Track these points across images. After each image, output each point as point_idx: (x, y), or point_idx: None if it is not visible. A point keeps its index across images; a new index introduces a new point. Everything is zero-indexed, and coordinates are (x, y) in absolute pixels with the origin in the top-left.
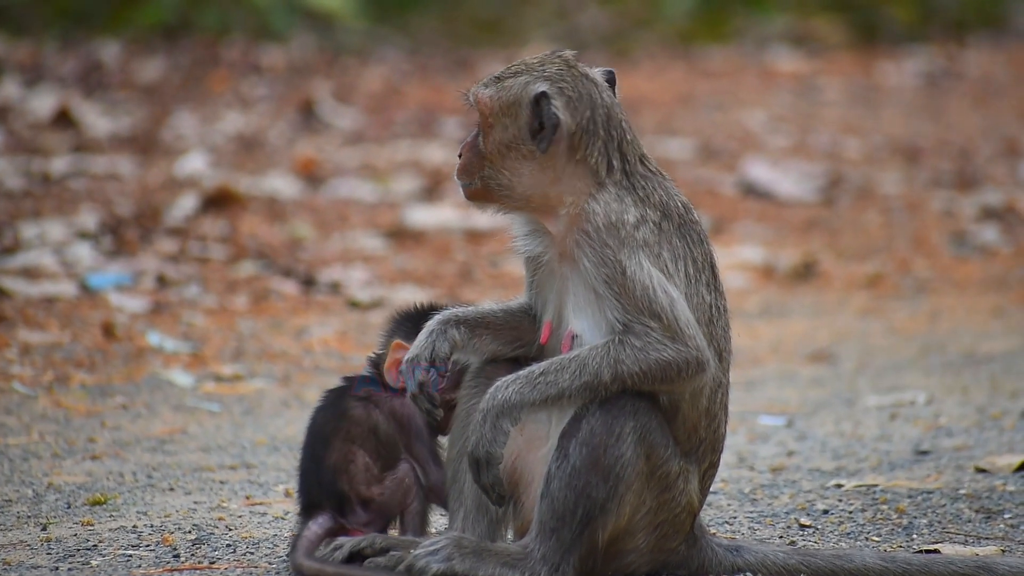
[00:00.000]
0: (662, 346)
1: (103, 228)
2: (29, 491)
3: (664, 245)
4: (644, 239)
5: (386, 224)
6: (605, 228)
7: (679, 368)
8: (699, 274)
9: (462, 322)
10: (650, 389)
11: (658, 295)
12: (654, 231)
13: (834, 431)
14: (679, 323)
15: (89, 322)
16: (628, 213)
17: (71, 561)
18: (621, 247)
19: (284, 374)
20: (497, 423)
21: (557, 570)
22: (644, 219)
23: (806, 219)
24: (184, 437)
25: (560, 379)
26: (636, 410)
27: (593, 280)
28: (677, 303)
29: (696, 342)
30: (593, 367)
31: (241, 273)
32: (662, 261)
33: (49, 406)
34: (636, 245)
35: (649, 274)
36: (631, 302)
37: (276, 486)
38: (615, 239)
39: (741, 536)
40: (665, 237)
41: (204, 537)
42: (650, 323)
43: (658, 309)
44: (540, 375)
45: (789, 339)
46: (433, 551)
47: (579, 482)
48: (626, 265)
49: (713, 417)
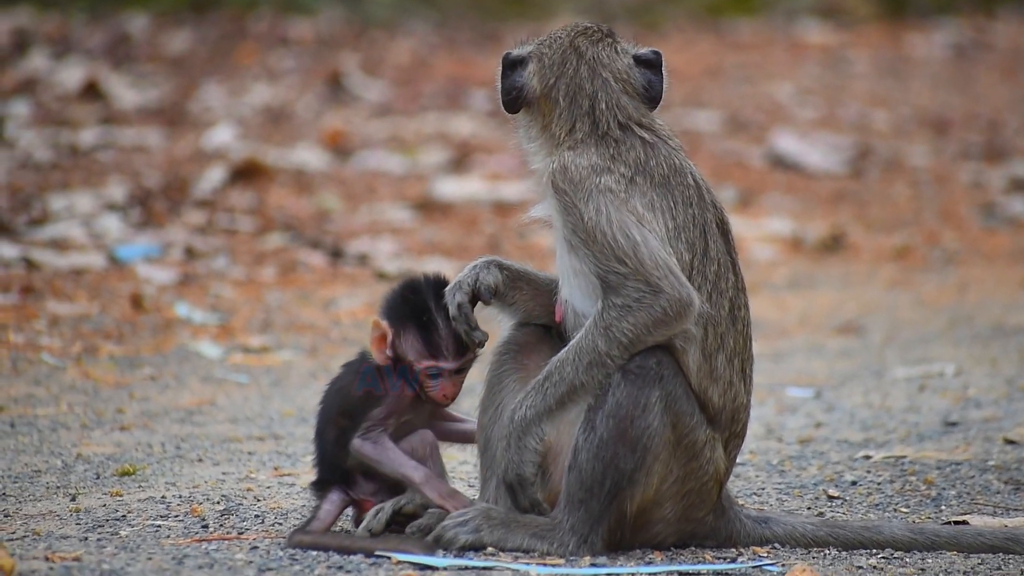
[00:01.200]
0: (640, 294)
1: (131, 200)
2: (58, 462)
3: (636, 195)
4: (607, 186)
5: (414, 196)
6: (562, 176)
7: (663, 310)
8: (680, 231)
9: (505, 268)
10: (651, 341)
11: (618, 239)
12: (620, 182)
13: (862, 403)
14: (645, 265)
15: (117, 294)
16: (587, 163)
17: (100, 531)
18: (577, 192)
19: (312, 345)
20: (521, 443)
21: (586, 541)
22: (608, 170)
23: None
24: (212, 408)
25: (565, 373)
26: (661, 377)
27: (563, 232)
28: (641, 245)
29: (670, 282)
30: (589, 345)
31: (269, 245)
32: (631, 206)
33: (78, 377)
34: (596, 191)
35: (608, 218)
36: (597, 249)
37: (304, 457)
38: (572, 186)
39: (769, 507)
40: (638, 189)
41: (232, 508)
42: (619, 268)
43: (621, 253)
44: (545, 380)
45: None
46: (462, 522)
47: (607, 453)
48: (582, 211)
49: (728, 383)
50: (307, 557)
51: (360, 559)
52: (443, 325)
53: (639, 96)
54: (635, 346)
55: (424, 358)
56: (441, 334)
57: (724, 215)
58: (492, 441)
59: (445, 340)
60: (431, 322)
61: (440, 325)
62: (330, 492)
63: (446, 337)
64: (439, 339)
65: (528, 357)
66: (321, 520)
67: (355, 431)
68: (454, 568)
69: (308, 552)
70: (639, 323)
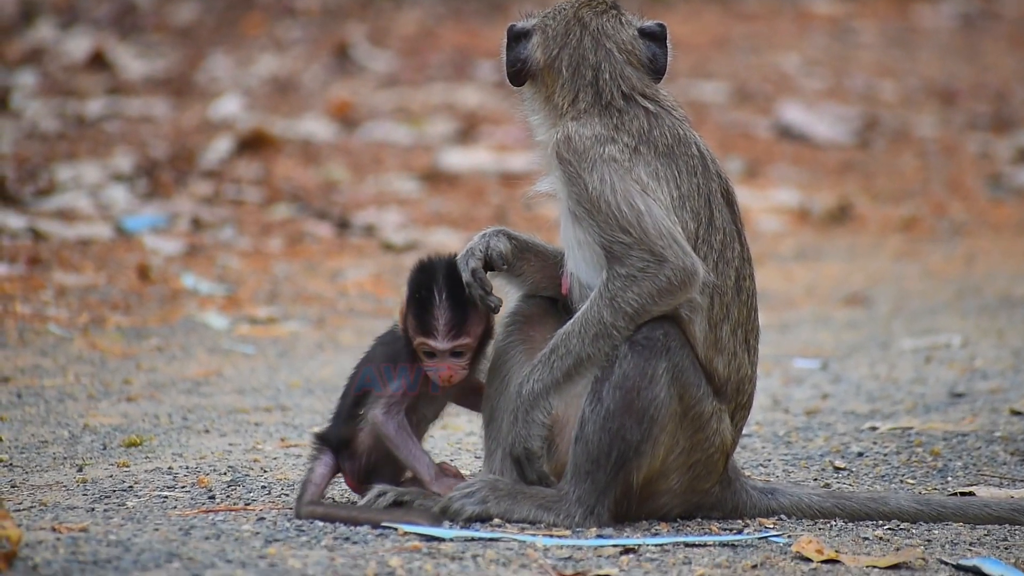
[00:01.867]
0: (644, 264)
1: (138, 170)
2: (65, 432)
3: (640, 164)
4: (611, 156)
5: (420, 167)
6: (566, 147)
7: (668, 279)
8: (684, 200)
9: (513, 238)
10: (657, 311)
11: (623, 208)
12: (624, 151)
13: (869, 374)
14: (649, 235)
15: (124, 264)
16: (591, 133)
17: (107, 502)
18: (581, 162)
19: (318, 316)
20: (529, 418)
21: (592, 512)
22: (612, 140)
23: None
24: (219, 379)
25: (571, 346)
26: (668, 348)
27: (568, 203)
28: (645, 215)
29: (674, 251)
30: (594, 316)
31: (276, 216)
32: (635, 175)
33: (85, 348)
34: (599, 160)
35: (612, 188)
36: (602, 219)
37: (310, 428)
38: (575, 156)
39: (776, 479)
40: (642, 159)
41: (239, 479)
42: (623, 238)
43: (625, 223)
44: (551, 353)
45: (824, 282)
46: (468, 493)
47: (613, 425)
48: (586, 181)
49: (732, 354)
50: (313, 528)
51: (367, 530)
52: (439, 305)
53: (643, 68)
54: (640, 316)
55: (417, 335)
56: (435, 313)
57: (730, 185)
58: (498, 412)
59: (437, 320)
60: (427, 300)
61: (436, 304)
62: (324, 454)
63: (439, 317)
64: (431, 318)
65: (534, 329)
66: (315, 484)
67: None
68: (461, 539)
69: (315, 523)
70: (644, 293)
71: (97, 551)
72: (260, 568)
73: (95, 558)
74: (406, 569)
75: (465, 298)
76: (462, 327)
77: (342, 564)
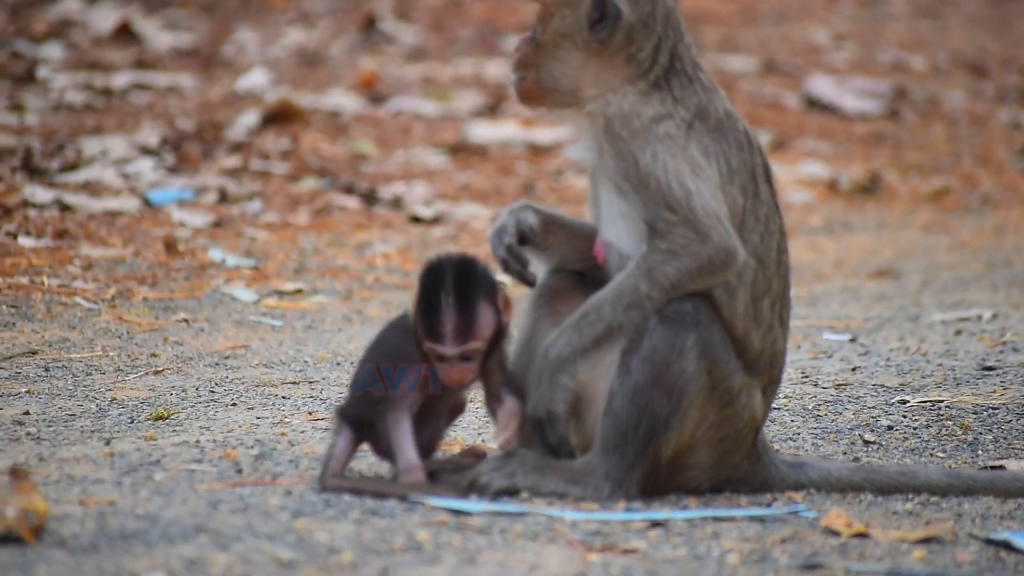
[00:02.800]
0: (687, 240)
1: (165, 143)
2: (92, 406)
3: (693, 142)
4: (666, 132)
5: (448, 140)
6: (619, 119)
7: (708, 258)
8: (733, 176)
9: (539, 212)
10: (692, 288)
11: (672, 187)
12: (680, 127)
13: (898, 347)
14: (696, 214)
15: (151, 237)
16: (649, 107)
17: (134, 476)
18: (633, 138)
19: (346, 290)
20: (554, 380)
21: (620, 486)
22: (669, 115)
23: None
24: (246, 352)
25: (603, 313)
26: (697, 322)
27: (614, 176)
28: (695, 195)
29: (719, 232)
30: (629, 285)
31: (303, 189)
32: (687, 154)
33: (112, 321)
34: (653, 138)
35: (664, 166)
36: (648, 196)
37: (338, 402)
38: (628, 131)
39: (804, 452)
40: (695, 135)
41: (267, 452)
42: (669, 216)
43: (673, 201)
44: (581, 318)
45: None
46: (496, 467)
47: (642, 398)
48: (638, 157)
49: (769, 327)
50: (341, 502)
51: (394, 504)
52: (447, 309)
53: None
54: (675, 290)
55: (426, 339)
56: (442, 318)
57: (768, 160)
58: (527, 387)
59: (444, 325)
60: (434, 304)
61: (443, 309)
62: (345, 428)
63: (446, 323)
64: (439, 323)
65: (562, 303)
66: (337, 459)
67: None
68: (488, 513)
69: (343, 497)
70: (683, 268)
71: (124, 525)
72: (287, 542)
73: (122, 532)
74: (434, 543)
75: (475, 300)
76: (470, 331)
77: (370, 538)
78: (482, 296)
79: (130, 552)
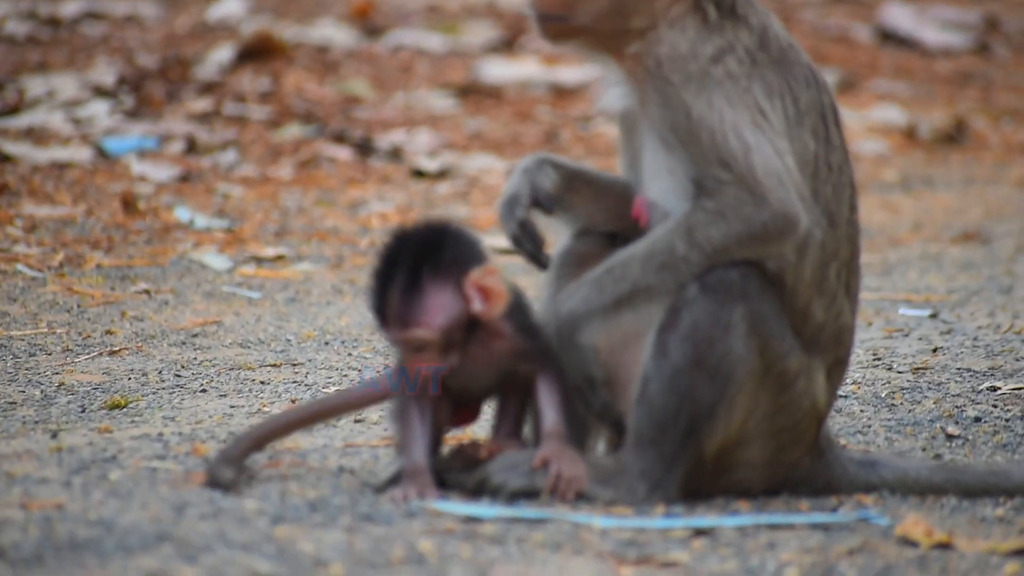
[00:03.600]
0: (739, 202)
1: (122, 83)
2: (37, 392)
3: (756, 80)
4: (725, 73)
5: (457, 80)
6: (671, 61)
7: (762, 224)
8: (802, 117)
9: (559, 167)
10: (739, 256)
11: (729, 140)
12: (743, 62)
13: (988, 324)
14: (755, 172)
15: (106, 194)
16: (709, 42)
17: (86, 474)
18: (687, 83)
19: (336, 256)
20: (573, 342)
21: (658, 487)
22: (731, 47)
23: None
24: (218, 330)
25: (630, 270)
26: (745, 292)
27: (660, 127)
28: (755, 151)
29: (779, 194)
30: (664, 244)
31: (285, 137)
32: (749, 98)
33: (60, 292)
34: (710, 82)
35: (720, 116)
36: (699, 150)
37: (325, 388)
38: (681, 74)
39: (876, 448)
40: (758, 71)
41: None
42: (721, 174)
43: (728, 156)
44: (605, 273)
45: (934, 215)
46: (512, 464)
47: (681, 383)
48: (691, 106)
49: (832, 297)
50: (328, 506)
51: (392, 508)
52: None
53: None
54: (718, 256)
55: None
56: (380, 296)
57: (835, 101)
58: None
59: (382, 303)
60: (379, 279)
61: (384, 285)
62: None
63: (384, 301)
64: (377, 301)
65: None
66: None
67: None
68: (503, 519)
69: (329, 501)
70: (731, 233)
71: (74, 532)
72: (266, 552)
73: (72, 540)
74: (438, 554)
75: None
76: (412, 316)
77: (363, 548)
78: (439, 276)
79: (81, 564)
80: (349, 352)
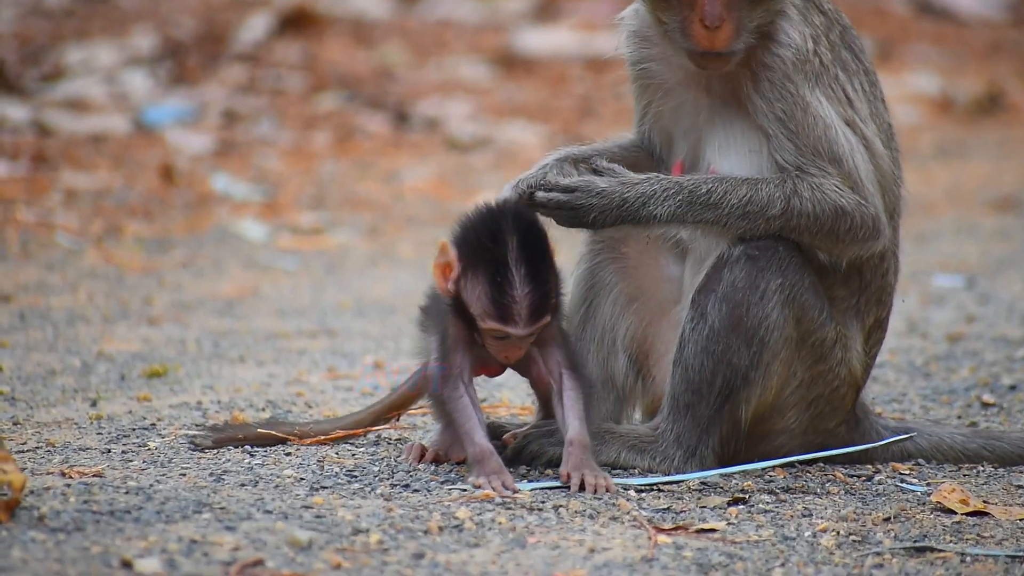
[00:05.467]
0: (843, 191)
1: (160, 53)
2: (76, 361)
3: (838, 64)
4: (821, 64)
5: (492, 49)
6: (793, 60)
7: (854, 222)
8: (875, 89)
9: (580, 161)
10: (811, 242)
11: (839, 138)
12: (828, 47)
13: (1022, 292)
14: (859, 173)
15: (144, 164)
16: (808, 26)
17: (125, 442)
18: (805, 81)
19: (371, 225)
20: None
21: (694, 454)
22: (817, 34)
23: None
24: (256, 299)
25: (725, 206)
26: (784, 266)
27: (762, 118)
28: (857, 152)
29: (876, 200)
30: (764, 196)
31: (321, 107)
32: (839, 85)
33: (98, 261)
34: (818, 75)
35: (830, 113)
36: (807, 143)
37: (363, 356)
38: (801, 72)
39: (912, 416)
40: (838, 54)
41: (280, 415)
42: (828, 168)
43: (839, 153)
44: (705, 195)
45: (969, 184)
46: (548, 431)
47: (718, 346)
48: (809, 101)
49: (881, 255)
50: (367, 474)
51: (430, 477)
52: (520, 286)
53: None
54: (797, 234)
55: (490, 318)
56: (516, 296)
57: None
58: (582, 347)
59: (519, 305)
60: (507, 282)
61: (516, 286)
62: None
63: (520, 301)
64: (512, 303)
65: (627, 245)
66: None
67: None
68: (539, 489)
69: (367, 468)
70: (825, 215)
71: (114, 499)
72: (304, 520)
73: (111, 508)
74: (475, 521)
75: (546, 268)
76: (544, 307)
77: (400, 515)
78: (551, 260)
79: (120, 532)
80: (385, 321)
